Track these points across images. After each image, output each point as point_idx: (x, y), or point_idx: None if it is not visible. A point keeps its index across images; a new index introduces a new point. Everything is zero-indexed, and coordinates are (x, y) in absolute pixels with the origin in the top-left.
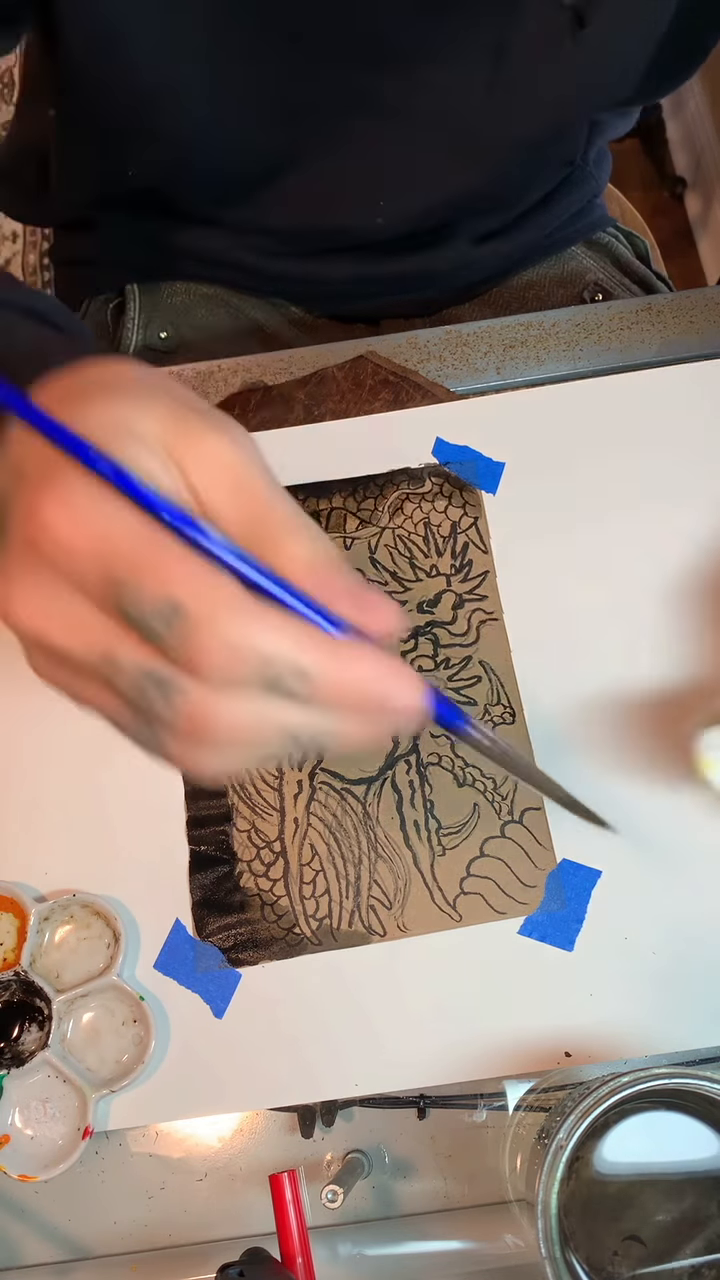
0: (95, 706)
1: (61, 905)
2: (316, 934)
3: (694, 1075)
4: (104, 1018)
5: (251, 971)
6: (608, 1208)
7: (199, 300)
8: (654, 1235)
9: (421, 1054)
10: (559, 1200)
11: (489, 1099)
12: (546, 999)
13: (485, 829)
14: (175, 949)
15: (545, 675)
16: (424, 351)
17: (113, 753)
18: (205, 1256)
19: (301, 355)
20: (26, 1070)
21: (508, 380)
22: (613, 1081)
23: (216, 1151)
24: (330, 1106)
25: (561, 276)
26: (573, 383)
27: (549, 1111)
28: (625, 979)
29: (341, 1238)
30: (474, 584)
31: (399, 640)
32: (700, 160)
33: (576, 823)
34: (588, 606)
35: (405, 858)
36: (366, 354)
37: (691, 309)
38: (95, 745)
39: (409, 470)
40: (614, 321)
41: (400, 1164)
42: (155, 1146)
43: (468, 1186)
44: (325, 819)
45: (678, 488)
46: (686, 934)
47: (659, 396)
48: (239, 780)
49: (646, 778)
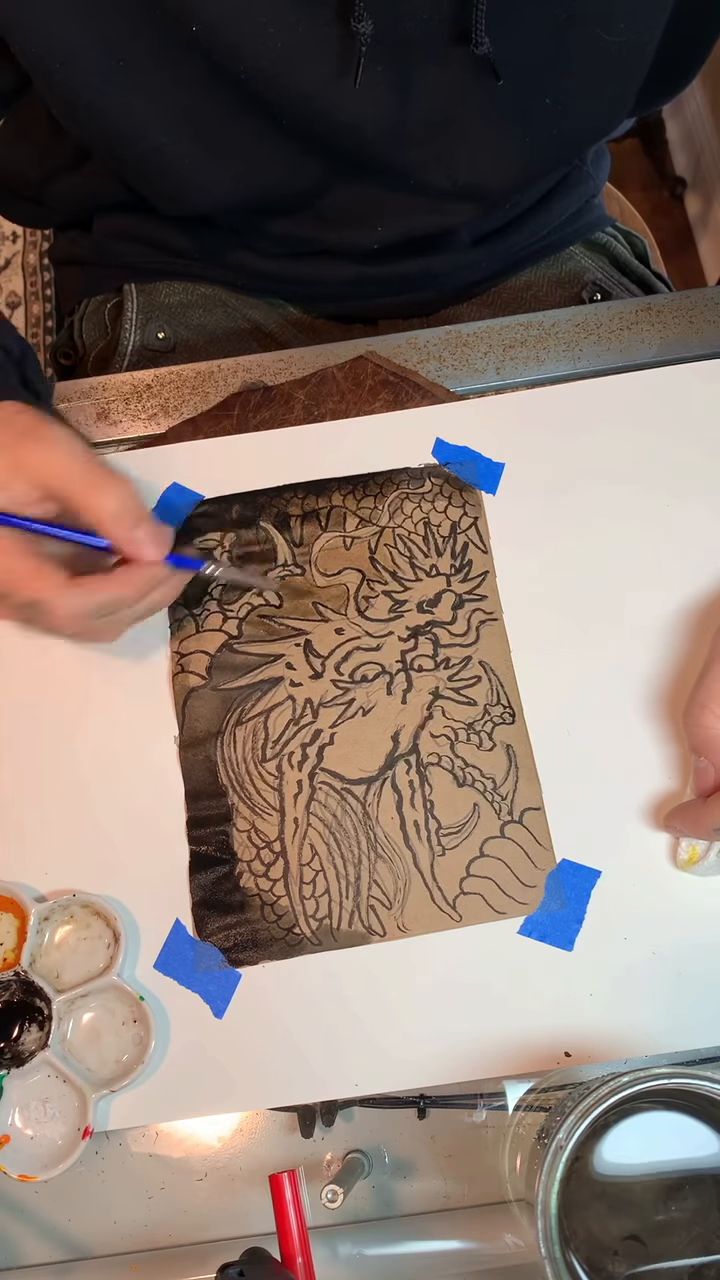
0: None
1: (61, 905)
2: (316, 934)
3: (694, 1075)
4: (104, 1018)
5: (251, 971)
6: (608, 1208)
7: (197, 300)
8: (654, 1235)
9: (421, 1054)
10: (559, 1200)
11: (489, 1099)
12: (546, 999)
13: (485, 829)
14: (175, 949)
15: (545, 675)
16: (424, 351)
17: (113, 753)
18: (205, 1256)
19: (301, 355)
20: (26, 1070)
21: (508, 380)
22: (613, 1081)
23: (216, 1151)
24: (330, 1106)
25: (560, 276)
26: (573, 383)
27: (549, 1111)
28: (625, 979)
29: (341, 1238)
30: (474, 584)
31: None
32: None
33: (576, 823)
34: (587, 606)
35: (405, 858)
36: (366, 354)
37: (691, 309)
38: (96, 746)
39: (409, 470)
40: (614, 321)
41: (400, 1164)
42: (155, 1146)
43: (468, 1186)
44: (325, 819)
45: (678, 487)
46: (686, 934)
47: (659, 396)
48: (238, 780)
49: (646, 777)
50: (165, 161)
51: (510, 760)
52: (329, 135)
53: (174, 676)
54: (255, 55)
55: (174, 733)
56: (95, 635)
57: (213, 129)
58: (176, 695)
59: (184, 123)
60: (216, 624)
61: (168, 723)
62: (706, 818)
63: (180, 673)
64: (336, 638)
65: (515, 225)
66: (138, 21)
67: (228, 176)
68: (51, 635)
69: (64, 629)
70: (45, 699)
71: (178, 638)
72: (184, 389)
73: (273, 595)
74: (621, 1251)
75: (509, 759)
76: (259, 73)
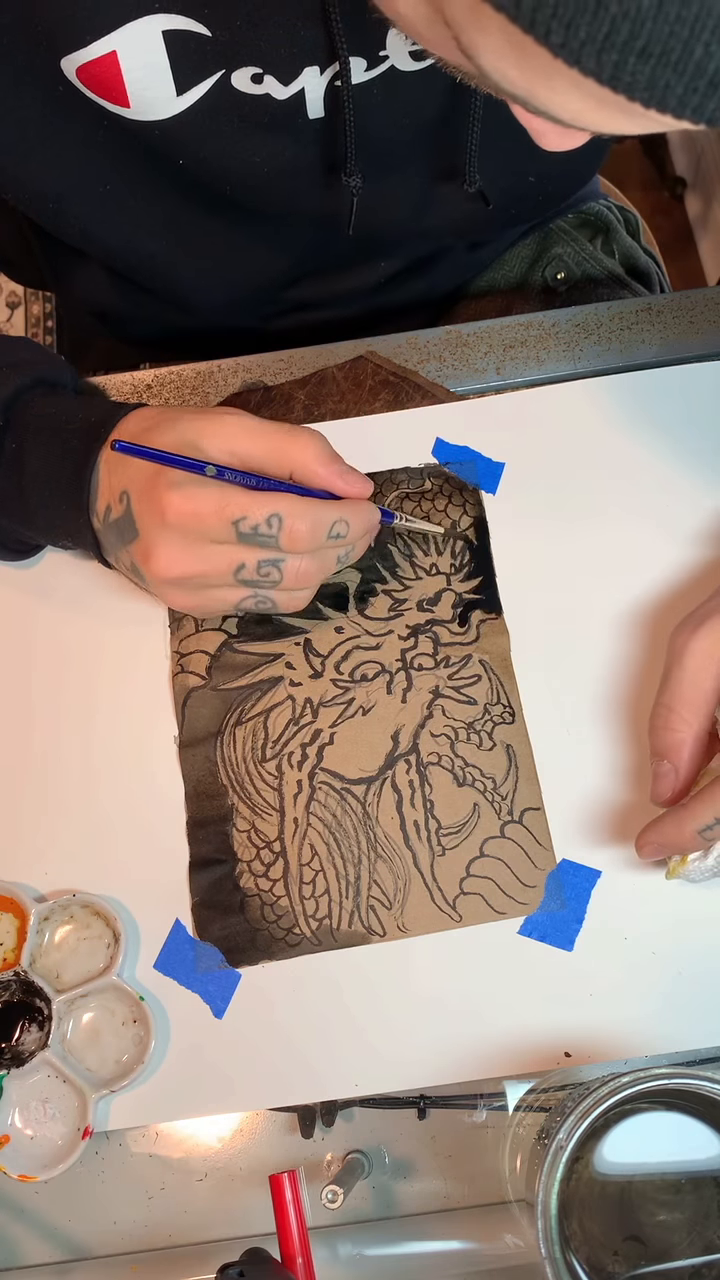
0: (222, 603)
1: (61, 905)
2: (316, 934)
3: (694, 1075)
4: (104, 1018)
5: (251, 971)
6: (608, 1208)
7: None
8: (654, 1235)
9: (421, 1054)
10: (559, 1200)
11: (489, 1099)
12: (546, 999)
13: (485, 829)
14: (175, 949)
15: (545, 675)
16: (424, 351)
17: (113, 753)
18: (205, 1256)
19: (301, 355)
20: (26, 1070)
21: (508, 380)
22: (613, 1081)
23: (216, 1151)
24: (330, 1106)
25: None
26: (573, 383)
27: (549, 1111)
28: (625, 979)
29: (341, 1238)
30: (474, 584)
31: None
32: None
33: (576, 823)
34: (587, 606)
35: (405, 858)
36: (366, 354)
37: (691, 309)
38: (96, 746)
39: (409, 470)
40: (614, 321)
41: (400, 1164)
42: (155, 1146)
43: (468, 1187)
44: (325, 819)
45: (678, 487)
46: (686, 934)
47: (659, 396)
48: (238, 780)
49: (646, 776)
50: (162, 272)
51: (510, 760)
52: (322, 231)
53: (174, 676)
54: (244, 177)
55: (174, 733)
56: (306, 577)
57: (203, 239)
58: (176, 695)
59: (173, 233)
60: (216, 623)
61: (168, 723)
62: (689, 821)
63: (180, 673)
64: (336, 636)
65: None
66: (122, 159)
67: (222, 283)
68: (274, 583)
69: (303, 545)
70: (45, 699)
71: (177, 637)
72: (184, 389)
73: None
74: (621, 1251)
75: (509, 759)
76: (250, 191)
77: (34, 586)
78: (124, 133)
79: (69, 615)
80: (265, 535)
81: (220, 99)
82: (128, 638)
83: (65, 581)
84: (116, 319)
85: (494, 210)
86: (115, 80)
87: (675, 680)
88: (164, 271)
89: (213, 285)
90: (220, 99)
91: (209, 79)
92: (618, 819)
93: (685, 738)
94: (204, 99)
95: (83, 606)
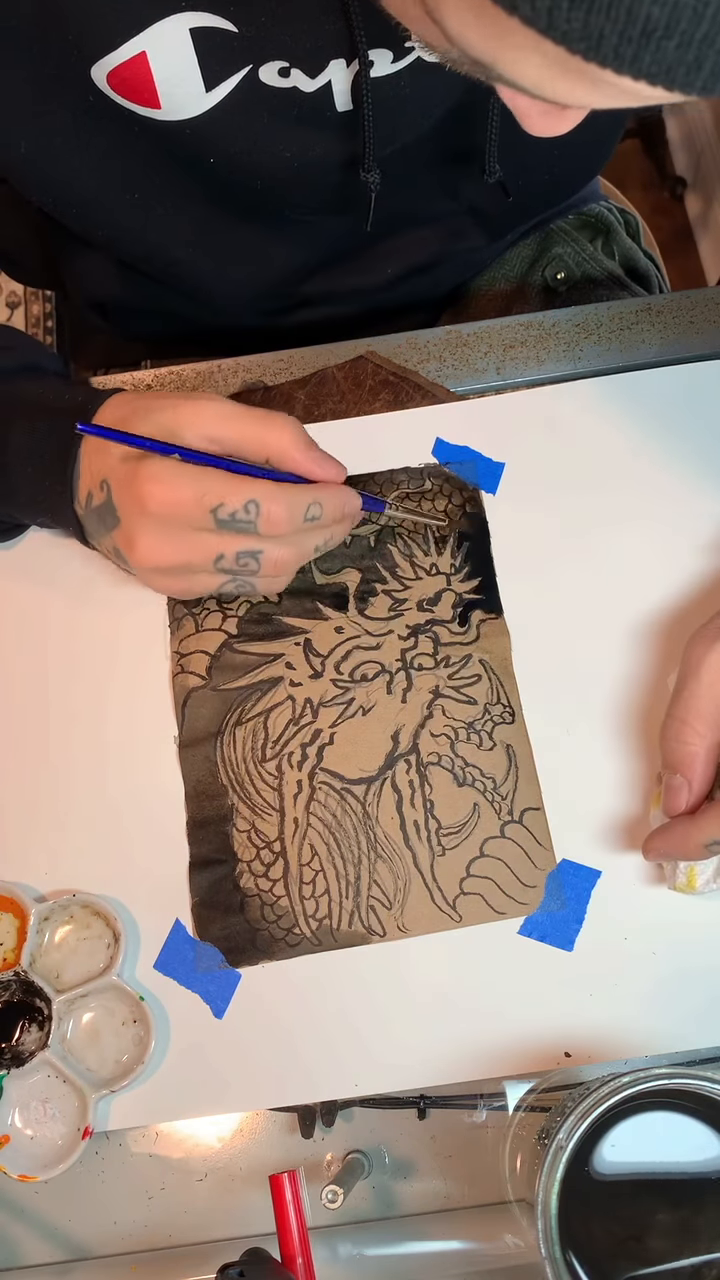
0: (204, 587)
1: (61, 905)
2: (316, 934)
3: (694, 1075)
4: (104, 1018)
5: (251, 971)
6: (608, 1208)
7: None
8: (654, 1235)
9: (421, 1054)
10: (559, 1200)
11: (489, 1099)
12: (546, 999)
13: (485, 829)
14: (175, 949)
15: (545, 675)
16: (424, 351)
17: (113, 754)
18: (205, 1257)
19: (301, 355)
20: (26, 1070)
21: (508, 380)
22: (613, 1081)
23: (216, 1151)
24: (330, 1106)
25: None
26: (573, 383)
27: (549, 1111)
28: (625, 979)
29: (341, 1238)
30: (474, 584)
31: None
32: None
33: (576, 823)
34: (587, 606)
35: (405, 858)
36: (366, 354)
37: (691, 309)
38: (96, 746)
39: (409, 470)
40: (614, 321)
41: (400, 1164)
42: (155, 1146)
43: (468, 1187)
44: (325, 819)
45: (678, 487)
46: (686, 934)
47: (659, 396)
48: (238, 780)
49: (646, 777)
50: (185, 271)
51: (510, 760)
52: (342, 224)
53: (174, 677)
54: (273, 171)
55: (174, 733)
56: (282, 565)
57: (229, 237)
58: (176, 695)
59: (199, 235)
60: (216, 623)
61: (167, 723)
62: (695, 834)
63: (180, 673)
64: (336, 636)
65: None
66: (151, 165)
67: (244, 279)
68: (252, 572)
69: (281, 528)
70: (45, 699)
71: (177, 637)
72: (184, 389)
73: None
74: (621, 1252)
75: (509, 759)
76: (280, 185)
77: (32, 585)
78: (153, 138)
79: (69, 615)
80: (243, 521)
81: (249, 94)
82: (128, 639)
83: (63, 581)
84: (118, 311)
85: (511, 202)
86: (145, 81)
87: (690, 693)
88: (188, 272)
89: (235, 282)
90: (249, 94)
91: (237, 74)
92: (618, 819)
93: (698, 751)
94: (233, 94)
95: (82, 606)
